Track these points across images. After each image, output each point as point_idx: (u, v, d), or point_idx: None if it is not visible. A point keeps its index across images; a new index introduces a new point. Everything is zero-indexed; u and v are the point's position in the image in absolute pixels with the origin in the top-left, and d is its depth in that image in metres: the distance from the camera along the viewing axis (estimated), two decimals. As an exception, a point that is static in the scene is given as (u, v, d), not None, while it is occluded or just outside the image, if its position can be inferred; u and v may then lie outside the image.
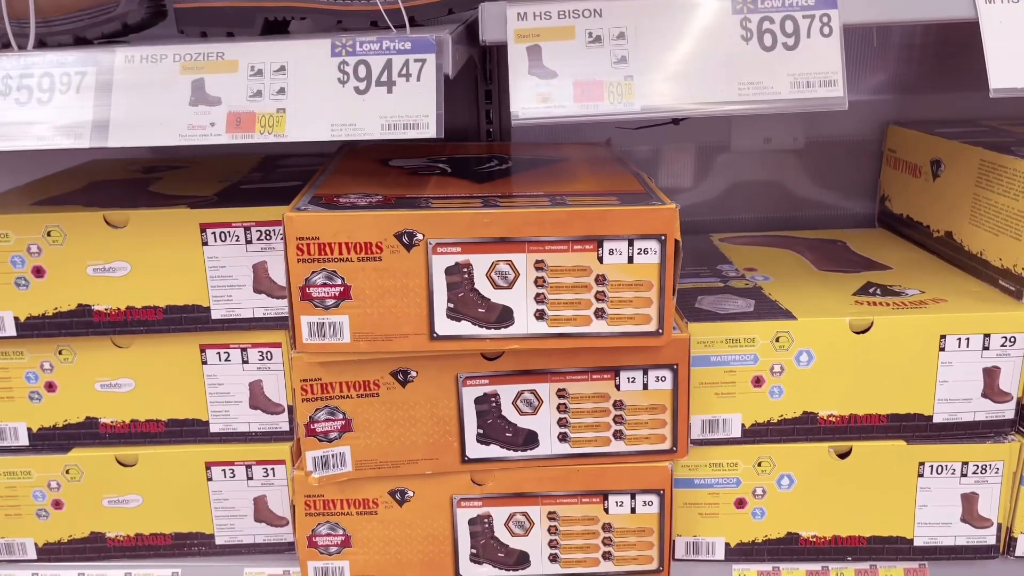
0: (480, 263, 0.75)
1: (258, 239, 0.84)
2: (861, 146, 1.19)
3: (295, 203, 0.76)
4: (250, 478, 0.89)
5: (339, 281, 0.75)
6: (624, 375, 0.81)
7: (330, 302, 0.75)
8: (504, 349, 0.77)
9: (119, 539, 0.91)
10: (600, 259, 0.75)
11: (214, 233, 0.83)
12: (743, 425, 0.86)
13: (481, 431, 0.82)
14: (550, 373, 0.81)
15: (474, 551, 0.85)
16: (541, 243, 0.74)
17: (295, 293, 0.75)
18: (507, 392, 0.81)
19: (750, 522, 0.88)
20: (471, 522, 0.84)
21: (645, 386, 0.81)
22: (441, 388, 0.80)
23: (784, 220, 1.20)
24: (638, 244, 0.75)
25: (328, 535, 0.84)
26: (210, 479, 0.89)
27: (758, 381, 0.85)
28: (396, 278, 0.75)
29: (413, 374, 0.80)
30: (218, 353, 0.87)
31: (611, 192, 0.80)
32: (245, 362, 0.87)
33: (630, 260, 0.75)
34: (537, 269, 0.75)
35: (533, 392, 0.81)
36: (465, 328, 0.76)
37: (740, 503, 0.88)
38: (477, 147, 1.07)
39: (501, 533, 0.85)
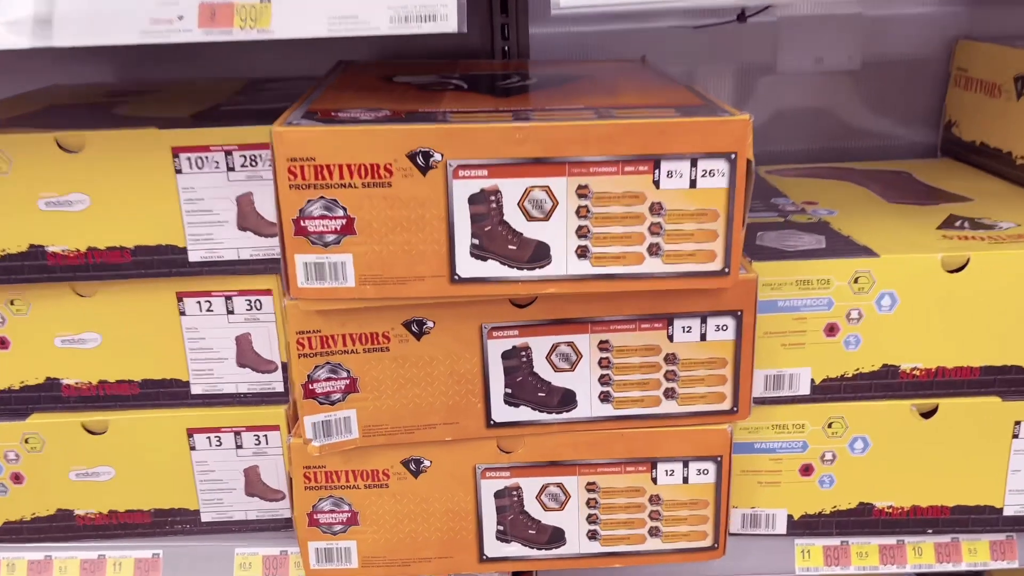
0: (511, 189, 0.62)
1: (242, 166, 0.70)
2: (924, 65, 1.05)
3: (285, 117, 0.63)
4: (239, 447, 0.77)
5: (340, 212, 0.61)
6: (679, 324, 0.68)
7: (330, 238, 0.62)
8: (538, 294, 0.65)
9: (90, 517, 0.79)
10: (656, 183, 0.62)
11: (189, 159, 0.70)
12: (813, 381, 0.74)
13: (509, 391, 0.70)
14: (591, 322, 0.68)
15: (500, 528, 0.73)
16: (585, 164, 0.61)
17: (287, 227, 0.62)
18: (540, 345, 0.69)
19: (817, 491, 0.77)
20: (497, 495, 0.73)
21: (703, 336, 0.69)
22: (462, 341, 0.68)
23: (835, 151, 1.07)
24: (702, 164, 0.62)
25: (332, 512, 0.72)
26: (193, 448, 0.77)
27: (832, 329, 0.72)
28: (409, 208, 0.62)
29: (430, 324, 0.67)
30: (198, 302, 0.74)
31: (665, 104, 0.67)
32: (230, 312, 0.75)
33: (692, 184, 0.62)
34: (580, 196, 0.62)
35: (571, 345, 0.69)
36: (492, 269, 0.63)
37: (806, 470, 0.76)
38: (493, 64, 0.93)
39: (532, 507, 0.73)
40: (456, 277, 0.64)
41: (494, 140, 0.60)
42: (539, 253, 0.63)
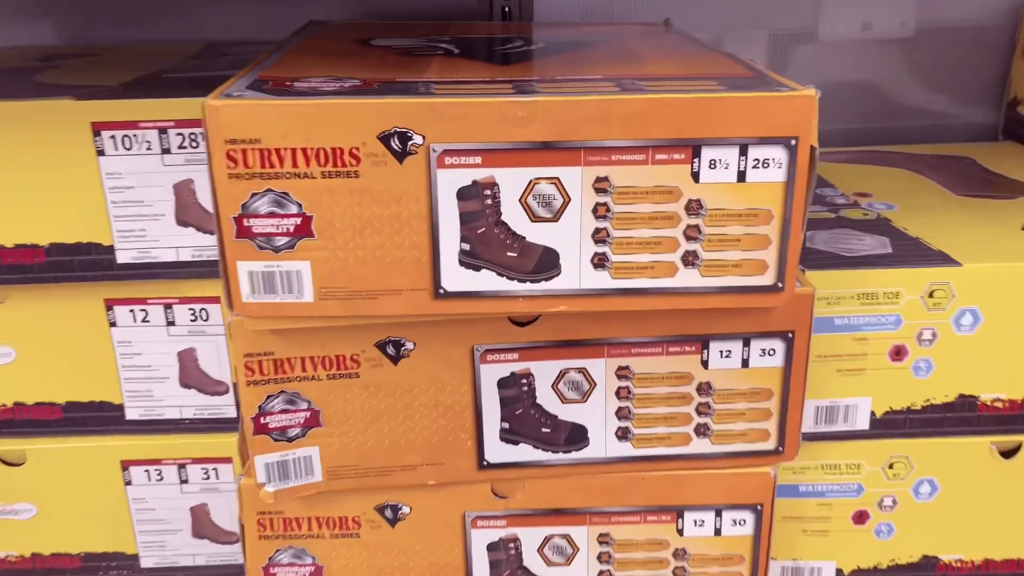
0: (511, 182, 0.49)
1: (180, 147, 0.57)
2: (986, 34, 0.92)
3: (224, 88, 0.49)
4: (184, 481, 0.65)
5: (294, 209, 0.48)
6: (715, 347, 0.56)
7: (281, 241, 0.49)
8: (546, 312, 0.52)
9: (10, 560, 0.67)
10: (695, 175, 0.49)
11: (113, 137, 0.56)
12: (873, 413, 0.61)
13: (507, 425, 0.57)
14: (608, 344, 0.55)
15: (495, 585, 0.61)
16: (605, 151, 0.48)
17: (227, 227, 0.49)
18: (545, 371, 0.56)
19: (872, 542, 0.64)
20: (491, 547, 0.60)
21: (745, 362, 0.56)
22: (450, 366, 0.55)
23: (882, 132, 0.94)
24: (755, 152, 0.49)
25: (291, 566, 0.60)
26: (129, 483, 0.65)
27: (899, 353, 0.60)
28: (382, 205, 0.49)
29: (409, 346, 0.54)
30: (131, 311, 0.61)
31: (705, 75, 0.53)
32: (171, 323, 0.62)
33: (741, 177, 0.49)
34: (598, 191, 0.49)
35: (582, 371, 0.56)
36: (486, 281, 0.50)
37: (860, 517, 0.64)
38: (492, 27, 0.79)
39: (533, 562, 0.61)
40: (441, 291, 0.51)
41: (490, 118, 0.47)
42: (546, 262, 0.50)
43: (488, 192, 0.49)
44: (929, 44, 0.92)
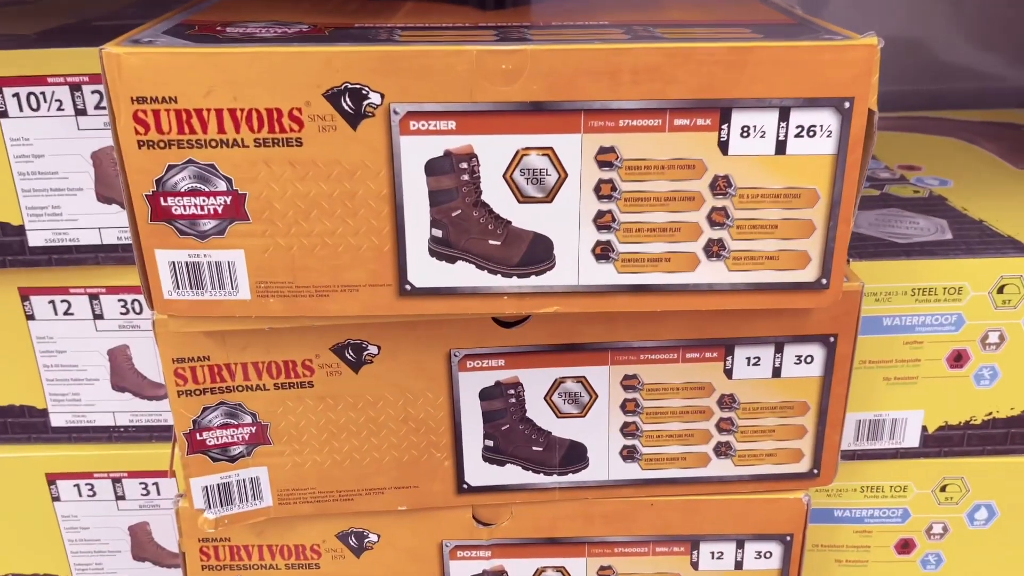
0: (494, 152, 0.39)
1: (97, 107, 0.47)
2: (1046, -15, 0.81)
3: (133, 33, 0.39)
4: (120, 497, 0.56)
5: (221, 185, 0.39)
6: (741, 353, 0.46)
7: (208, 224, 0.40)
8: (537, 312, 0.42)
9: (-74, 583, 0.58)
10: (723, 145, 0.39)
11: (17, 95, 0.47)
12: (925, 428, 0.52)
13: (491, 443, 0.48)
14: (612, 349, 0.46)
15: (478, 622, 0.53)
16: (611, 114, 0.38)
17: (139, 208, 0.39)
18: (537, 380, 0.47)
19: (917, 574, 0.55)
20: (473, 581, 0.52)
21: (776, 371, 0.47)
22: (422, 373, 0.46)
23: (926, 96, 0.83)
24: (798, 117, 0.39)
25: (240, 600, 0.51)
26: (56, 498, 0.56)
27: (959, 358, 0.50)
28: (332, 180, 0.39)
29: (372, 351, 0.45)
30: (51, 302, 0.52)
31: (735, 21, 0.43)
32: (98, 317, 0.53)
33: (780, 148, 0.39)
34: (602, 165, 0.39)
35: (582, 381, 0.47)
36: (464, 274, 0.41)
37: (904, 546, 0.55)
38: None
39: (522, 598, 0.52)
40: (407, 287, 0.41)
41: (465, 72, 0.37)
42: (537, 251, 0.41)
43: (465, 165, 0.39)
44: (980, -5, 0.81)
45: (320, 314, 0.42)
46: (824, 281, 0.42)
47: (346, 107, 0.38)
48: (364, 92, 0.38)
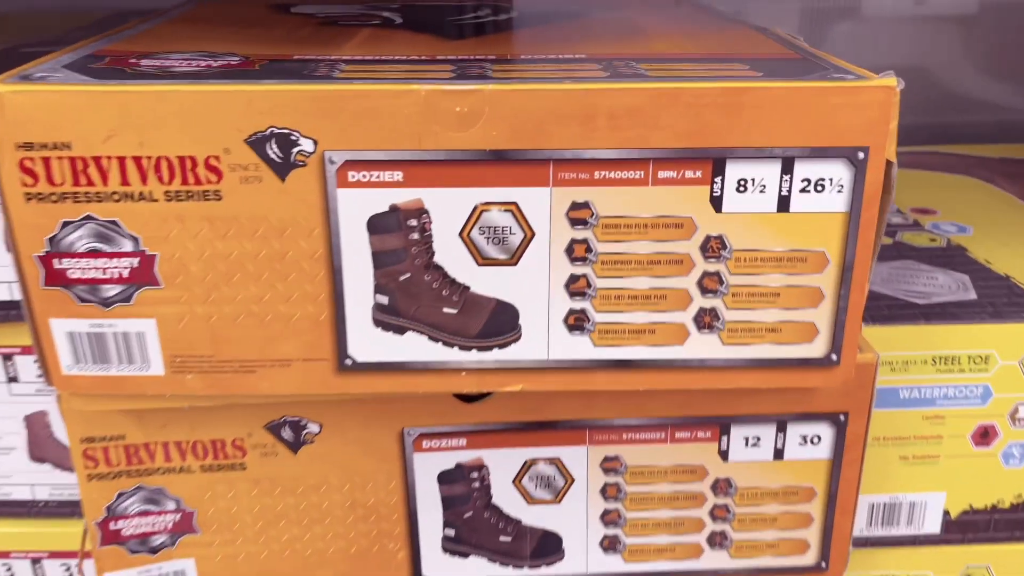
0: (448, 207, 0.33)
1: None
2: (1066, 12, 0.76)
3: (27, 67, 0.34)
4: (42, 579, 0.50)
5: (127, 244, 0.33)
6: (738, 433, 0.40)
7: (112, 290, 0.34)
8: (499, 390, 0.36)
9: None
10: (716, 201, 0.33)
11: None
12: (947, 513, 0.46)
13: (452, 532, 0.42)
14: (592, 427, 0.40)
15: None
16: (586, 164, 0.33)
17: (29, 271, 0.33)
18: (504, 462, 0.41)
19: (937, 675, 0.49)
20: None
21: (778, 453, 0.41)
22: (371, 454, 0.40)
23: (939, 129, 0.78)
24: (804, 169, 0.33)
25: None
26: (-31, 581, 0.50)
27: (985, 435, 0.44)
28: (257, 239, 0.33)
29: (313, 429, 0.39)
30: (-41, 363, 0.46)
31: (732, 56, 0.38)
32: (12, 380, 0.47)
33: (783, 205, 0.34)
34: (575, 223, 0.34)
35: (555, 462, 0.41)
36: (414, 346, 0.35)
37: (923, 643, 0.48)
38: (458, -6, 0.63)
39: None
40: (347, 361, 0.35)
41: (413, 115, 0.32)
42: (500, 321, 0.35)
43: (415, 222, 0.34)
44: (994, 23, 0.76)
45: (246, 392, 0.36)
46: (834, 357, 0.36)
47: (273, 155, 0.32)
48: (294, 138, 0.32)
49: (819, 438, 0.41)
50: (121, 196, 0.32)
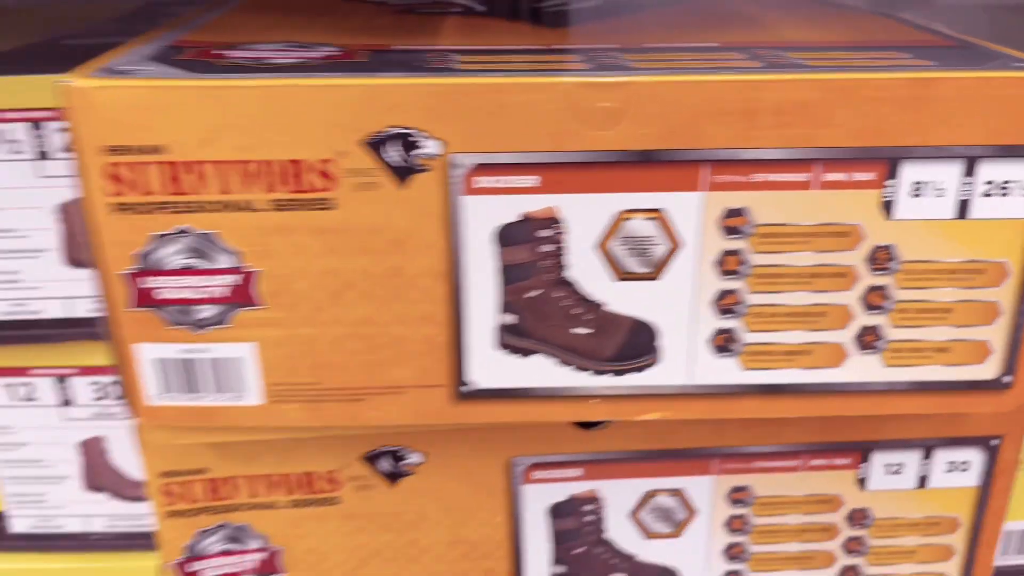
0: (588, 216, 0.30)
1: (66, 149, 0.38)
2: None
3: (104, 59, 0.30)
4: (96, 618, 0.46)
5: (224, 260, 0.29)
6: (879, 460, 0.37)
7: (207, 312, 0.30)
8: (636, 419, 0.33)
9: None
10: (887, 206, 0.30)
11: (-36, 135, 0.37)
12: (1087, 540, 0.42)
13: (562, 569, 0.38)
14: (719, 456, 0.36)
15: None
16: (743, 167, 0.29)
17: (114, 290, 0.30)
18: (620, 493, 0.37)
19: None
20: None
21: (922, 481, 0.37)
22: (476, 487, 0.36)
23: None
24: (990, 169, 0.29)
25: None
26: (18, 620, 0.46)
27: None
28: (372, 253, 0.29)
29: (414, 459, 0.36)
30: (7, 386, 0.42)
31: (882, 44, 0.34)
32: (66, 403, 0.43)
33: (961, 211, 0.30)
34: (729, 232, 0.30)
35: (677, 494, 0.37)
36: (541, 371, 0.31)
37: (1052, 676, 0.45)
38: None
39: None
40: (465, 387, 0.32)
41: (553, 111, 0.28)
42: (637, 342, 0.31)
43: (546, 233, 0.30)
44: (1073, 11, 0.72)
45: (353, 423, 0.32)
46: (1007, 379, 0.32)
47: (392, 158, 0.28)
48: (416, 139, 0.28)
49: (967, 464, 0.37)
50: (220, 205, 0.28)
